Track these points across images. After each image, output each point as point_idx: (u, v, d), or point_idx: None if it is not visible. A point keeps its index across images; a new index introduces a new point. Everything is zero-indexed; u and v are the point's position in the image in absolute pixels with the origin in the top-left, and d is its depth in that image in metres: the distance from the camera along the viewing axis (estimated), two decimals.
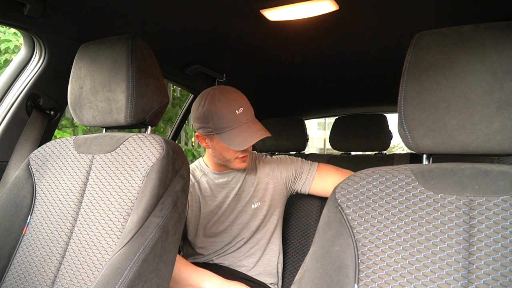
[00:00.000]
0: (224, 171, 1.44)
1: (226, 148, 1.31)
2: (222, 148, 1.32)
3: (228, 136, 1.27)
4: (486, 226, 0.66)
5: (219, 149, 1.34)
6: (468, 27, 0.71)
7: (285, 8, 1.18)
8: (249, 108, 1.31)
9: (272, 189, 1.44)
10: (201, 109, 1.29)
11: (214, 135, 1.30)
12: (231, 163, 1.36)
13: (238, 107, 1.28)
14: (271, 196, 1.43)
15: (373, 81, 2.00)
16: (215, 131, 1.27)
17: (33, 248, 0.99)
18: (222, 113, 1.26)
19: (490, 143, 0.67)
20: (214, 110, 1.26)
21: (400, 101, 0.75)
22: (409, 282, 0.68)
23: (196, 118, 1.33)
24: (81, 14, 1.20)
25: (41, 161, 1.08)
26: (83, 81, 1.04)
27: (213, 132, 1.28)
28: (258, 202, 1.42)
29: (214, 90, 1.30)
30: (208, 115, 1.27)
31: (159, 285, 0.88)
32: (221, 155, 1.35)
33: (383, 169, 0.78)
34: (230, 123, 1.26)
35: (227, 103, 1.27)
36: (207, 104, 1.28)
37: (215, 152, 1.36)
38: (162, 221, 0.88)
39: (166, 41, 1.47)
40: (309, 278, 0.75)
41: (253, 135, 1.27)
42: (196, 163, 1.50)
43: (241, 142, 1.26)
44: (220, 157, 1.36)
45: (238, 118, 1.27)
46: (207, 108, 1.27)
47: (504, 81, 0.66)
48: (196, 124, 1.34)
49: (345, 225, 0.76)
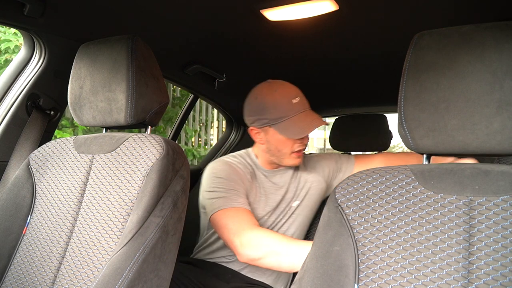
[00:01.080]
0: (275, 169, 1.40)
1: (282, 140, 1.29)
2: (278, 141, 1.30)
3: (285, 125, 1.26)
4: (486, 226, 0.66)
5: (274, 143, 1.31)
6: (468, 27, 0.71)
7: (285, 8, 1.18)
8: (304, 98, 1.31)
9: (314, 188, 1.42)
10: (256, 101, 1.29)
11: (270, 127, 1.28)
12: (285, 159, 1.33)
13: (294, 97, 1.28)
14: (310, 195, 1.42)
15: (373, 81, 2.00)
16: (271, 121, 1.27)
17: (33, 248, 0.99)
18: (279, 103, 1.26)
19: (490, 143, 0.67)
20: (271, 100, 1.26)
21: (400, 101, 0.75)
22: (409, 282, 0.68)
23: (250, 112, 1.32)
24: (81, 14, 1.20)
25: (41, 161, 1.08)
26: (83, 81, 1.04)
27: (269, 123, 1.27)
28: (297, 201, 1.40)
29: (269, 83, 1.31)
30: (264, 107, 1.27)
31: (159, 285, 0.88)
32: (277, 149, 1.32)
33: (383, 169, 0.78)
34: (287, 112, 1.26)
35: (283, 94, 1.27)
36: (263, 96, 1.28)
37: (269, 146, 1.32)
38: (162, 221, 0.88)
39: (166, 41, 1.47)
40: (309, 278, 0.75)
41: (310, 124, 1.27)
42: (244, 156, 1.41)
43: (299, 130, 1.26)
44: (275, 151, 1.32)
45: (295, 107, 1.27)
46: (263, 99, 1.27)
47: (504, 81, 0.66)
48: (250, 118, 1.32)
49: (345, 225, 0.76)
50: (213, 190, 1.26)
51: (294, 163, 1.35)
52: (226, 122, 2.53)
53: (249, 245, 1.13)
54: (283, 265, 1.10)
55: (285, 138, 1.29)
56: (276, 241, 1.12)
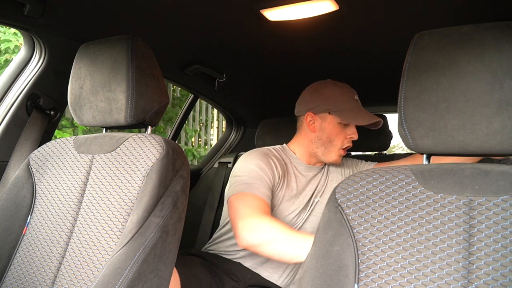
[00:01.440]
0: (311, 165, 1.43)
1: (337, 130, 1.36)
2: (332, 130, 1.36)
3: (349, 114, 1.34)
4: (486, 226, 0.66)
5: (328, 131, 1.36)
6: (468, 27, 0.71)
7: (285, 8, 1.18)
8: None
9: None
10: (319, 92, 1.38)
11: (331, 114, 1.35)
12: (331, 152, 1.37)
13: (355, 94, 1.40)
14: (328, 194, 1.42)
15: (373, 81, 2.00)
16: (334, 108, 1.34)
17: (33, 248, 0.99)
18: (344, 94, 1.36)
19: (490, 143, 0.67)
20: (337, 92, 1.36)
21: (400, 101, 0.75)
22: (409, 282, 0.68)
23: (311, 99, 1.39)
24: (81, 14, 1.20)
25: (41, 161, 1.08)
26: (83, 81, 1.04)
27: (333, 109, 1.34)
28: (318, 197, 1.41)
29: (332, 81, 1.41)
30: (329, 95, 1.36)
31: (159, 285, 0.88)
32: (328, 139, 1.36)
33: (383, 169, 0.78)
34: (350, 104, 1.35)
35: (347, 89, 1.39)
36: (328, 87, 1.38)
37: (321, 135, 1.37)
38: (162, 221, 0.88)
39: (166, 41, 1.47)
40: (309, 278, 0.75)
41: (371, 116, 1.36)
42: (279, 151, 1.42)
43: (363, 117, 1.34)
44: (325, 141, 1.37)
45: (356, 102, 1.38)
46: (328, 89, 1.37)
47: (504, 81, 0.66)
48: (309, 104, 1.38)
49: (345, 225, 0.76)
50: (240, 175, 1.28)
51: (337, 160, 1.39)
52: (226, 122, 2.52)
53: (250, 230, 1.12)
54: (284, 255, 1.09)
55: (340, 129, 1.36)
56: (278, 229, 1.10)
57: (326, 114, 1.36)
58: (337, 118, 1.35)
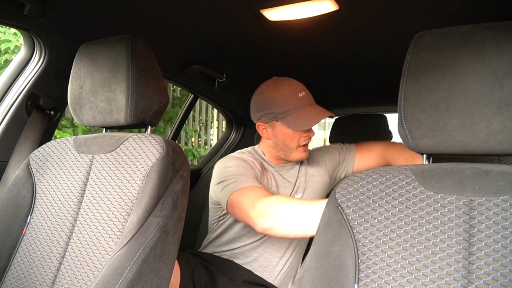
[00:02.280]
0: (282, 164, 1.42)
1: (289, 135, 1.32)
2: (285, 136, 1.33)
3: (293, 118, 1.29)
4: (486, 226, 0.66)
5: (282, 137, 1.34)
6: (468, 27, 0.71)
7: (285, 8, 1.18)
8: (308, 93, 1.35)
9: (316, 182, 1.44)
10: (263, 97, 1.33)
11: (278, 121, 1.32)
12: (292, 153, 1.36)
13: (300, 91, 1.33)
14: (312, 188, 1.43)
15: (373, 81, 2.00)
16: (279, 115, 1.30)
17: (33, 248, 0.99)
18: (286, 97, 1.30)
19: (490, 143, 0.67)
20: (278, 95, 1.30)
21: (400, 101, 0.75)
22: (409, 282, 0.68)
23: (257, 107, 1.35)
24: (81, 14, 1.20)
25: (41, 161, 1.08)
26: (83, 81, 1.04)
27: (277, 116, 1.30)
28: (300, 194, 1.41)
29: (274, 79, 1.36)
30: (271, 101, 1.30)
31: (159, 285, 0.88)
32: (284, 144, 1.34)
33: (383, 169, 0.78)
34: (294, 105, 1.29)
35: (289, 88, 1.32)
36: (270, 91, 1.32)
37: (277, 141, 1.35)
38: (162, 221, 0.88)
39: (166, 41, 1.47)
40: (309, 278, 0.75)
41: (317, 115, 1.31)
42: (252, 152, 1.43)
43: (306, 122, 1.29)
44: (282, 146, 1.35)
45: (301, 100, 1.31)
46: (270, 94, 1.31)
47: (504, 81, 0.66)
48: (257, 114, 1.35)
49: (345, 225, 0.76)
50: (224, 180, 1.27)
51: (301, 157, 1.37)
52: (226, 122, 2.52)
53: (263, 214, 1.12)
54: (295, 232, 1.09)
55: (291, 132, 1.31)
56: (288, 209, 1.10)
57: (274, 122, 1.33)
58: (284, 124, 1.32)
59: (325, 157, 1.50)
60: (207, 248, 1.45)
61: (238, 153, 1.42)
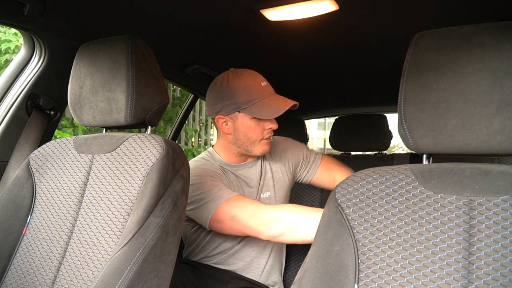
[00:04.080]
0: (242, 163, 1.35)
1: (252, 127, 1.25)
2: (247, 128, 1.25)
3: (257, 107, 1.22)
4: (486, 226, 0.66)
5: (243, 130, 1.26)
6: (468, 27, 0.71)
7: (285, 8, 1.18)
8: (269, 83, 1.29)
9: (281, 179, 1.41)
10: (222, 87, 1.24)
11: (240, 112, 1.24)
12: (255, 147, 1.28)
13: (262, 80, 1.26)
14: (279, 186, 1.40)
15: (373, 81, 2.00)
16: (242, 105, 1.22)
17: (33, 248, 0.99)
18: (248, 86, 1.23)
19: (490, 143, 0.67)
20: (240, 84, 1.23)
21: (400, 101, 0.75)
22: (409, 282, 0.68)
23: (216, 99, 1.26)
24: (81, 14, 1.20)
25: (41, 161, 1.08)
26: (83, 81, 1.04)
27: (240, 107, 1.22)
28: (267, 192, 1.37)
29: (232, 70, 1.28)
30: (233, 90, 1.22)
31: (159, 285, 0.88)
32: (246, 137, 1.26)
33: (383, 169, 0.78)
34: (257, 94, 1.22)
35: (251, 77, 1.25)
36: (230, 80, 1.24)
37: (238, 135, 1.27)
38: (162, 221, 0.88)
39: (166, 41, 1.47)
40: (309, 278, 0.75)
41: (283, 103, 1.24)
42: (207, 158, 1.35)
43: (274, 110, 1.22)
44: (244, 140, 1.27)
45: (265, 89, 1.25)
46: (231, 83, 1.23)
47: (504, 81, 0.66)
48: (217, 106, 1.26)
49: (345, 225, 0.76)
50: (193, 200, 1.20)
51: (264, 150, 1.30)
52: None
53: (270, 223, 1.11)
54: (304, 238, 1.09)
55: (254, 124, 1.25)
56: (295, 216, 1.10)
57: (236, 113, 1.24)
58: (247, 115, 1.24)
59: (288, 153, 1.43)
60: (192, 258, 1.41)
61: (194, 162, 1.33)
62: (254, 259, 1.36)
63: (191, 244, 1.39)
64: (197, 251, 1.37)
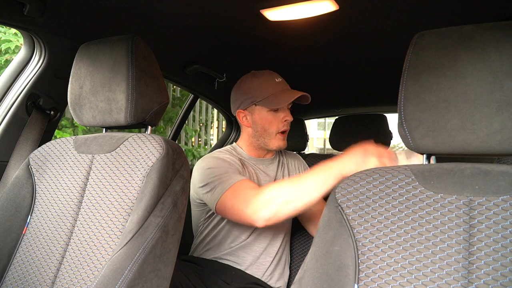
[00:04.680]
0: (262, 158, 1.48)
1: (269, 119, 1.39)
2: (264, 120, 1.40)
3: (271, 99, 1.37)
4: (486, 226, 0.66)
5: (261, 122, 1.40)
6: (468, 27, 0.71)
7: (285, 8, 1.18)
8: (284, 80, 1.44)
9: None
10: (241, 86, 1.43)
11: (257, 105, 1.39)
12: (271, 140, 1.41)
13: (277, 77, 1.43)
14: None
15: (373, 81, 2.00)
16: (257, 98, 1.38)
17: (33, 248, 0.99)
18: (264, 82, 1.40)
19: (490, 143, 0.67)
20: (257, 81, 1.40)
21: (400, 101, 0.75)
22: (409, 282, 0.68)
23: (237, 96, 1.44)
24: (81, 14, 1.20)
25: (41, 161, 1.08)
26: (83, 81, 1.04)
27: (256, 100, 1.38)
28: None
29: (252, 72, 1.45)
30: (251, 87, 1.40)
31: (159, 285, 0.88)
32: (263, 129, 1.41)
33: (383, 169, 0.78)
34: (272, 89, 1.38)
35: (267, 76, 1.42)
36: (249, 81, 1.42)
37: (256, 127, 1.41)
38: (162, 221, 0.88)
39: (166, 41, 1.47)
40: (309, 278, 0.75)
41: (293, 93, 1.39)
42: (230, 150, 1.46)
43: (284, 99, 1.37)
44: (261, 132, 1.41)
45: (279, 85, 1.40)
46: (249, 83, 1.41)
47: (504, 81, 0.66)
48: (237, 102, 1.43)
49: (345, 225, 0.76)
50: (208, 182, 1.27)
51: (280, 145, 1.43)
52: (226, 122, 2.53)
53: (260, 208, 1.13)
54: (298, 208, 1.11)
55: (271, 116, 1.39)
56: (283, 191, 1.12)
57: (253, 107, 1.41)
58: (263, 107, 1.39)
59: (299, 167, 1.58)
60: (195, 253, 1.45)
61: (217, 152, 1.44)
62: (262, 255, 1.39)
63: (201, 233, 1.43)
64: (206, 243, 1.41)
